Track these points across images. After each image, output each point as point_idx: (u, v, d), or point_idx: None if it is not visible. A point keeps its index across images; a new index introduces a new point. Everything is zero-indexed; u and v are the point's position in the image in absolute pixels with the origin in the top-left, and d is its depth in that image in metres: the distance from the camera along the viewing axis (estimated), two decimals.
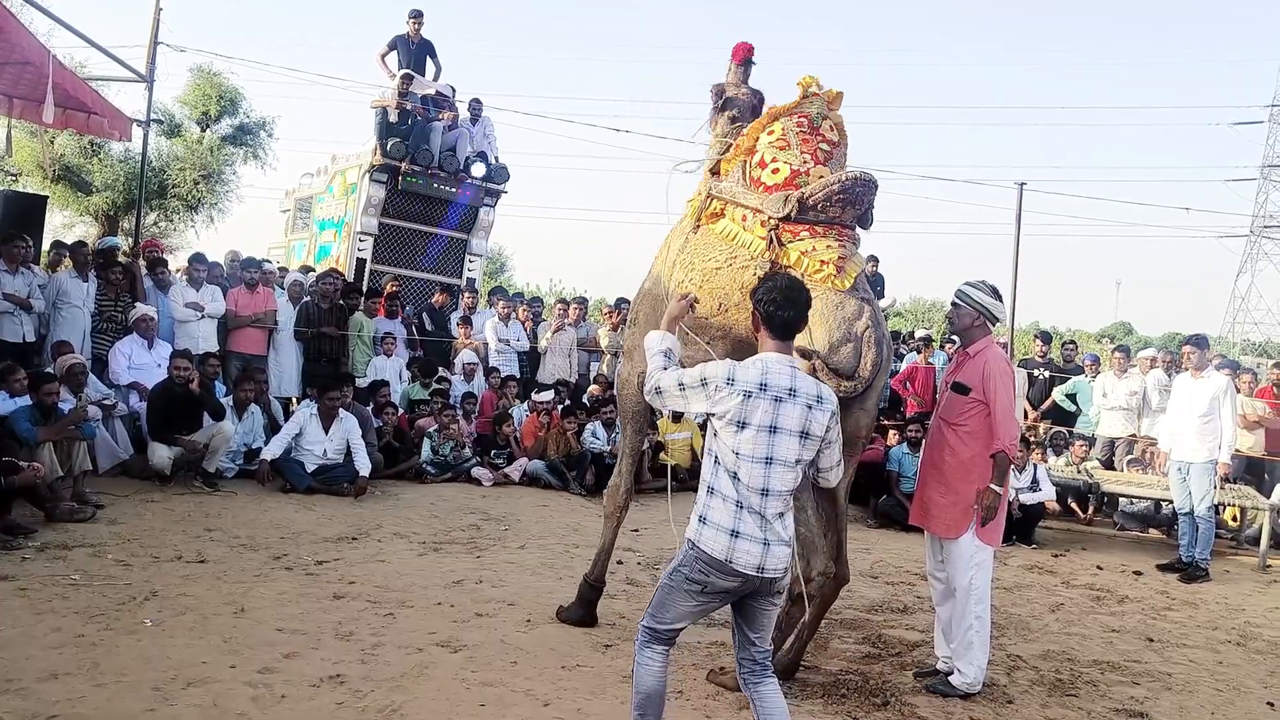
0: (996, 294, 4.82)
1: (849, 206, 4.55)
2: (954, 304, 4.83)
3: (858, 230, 4.76)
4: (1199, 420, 8.02)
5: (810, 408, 3.30)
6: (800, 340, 4.36)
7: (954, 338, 6.79)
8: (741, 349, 4.62)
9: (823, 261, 4.42)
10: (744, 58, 5.38)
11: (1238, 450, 9.92)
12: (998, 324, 4.98)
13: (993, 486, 4.56)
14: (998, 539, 4.78)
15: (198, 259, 9.56)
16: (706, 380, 3.29)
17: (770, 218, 4.56)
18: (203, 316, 9.12)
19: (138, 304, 8.78)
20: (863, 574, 7.02)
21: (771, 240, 4.54)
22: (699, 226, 4.98)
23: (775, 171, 4.68)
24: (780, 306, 3.37)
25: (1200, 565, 7.93)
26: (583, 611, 5.18)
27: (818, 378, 4.22)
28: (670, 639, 3.41)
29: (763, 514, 3.26)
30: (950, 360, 4.90)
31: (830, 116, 4.82)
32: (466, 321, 11.13)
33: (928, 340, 12.04)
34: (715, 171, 5.03)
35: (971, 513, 4.62)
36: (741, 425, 3.24)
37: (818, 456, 3.45)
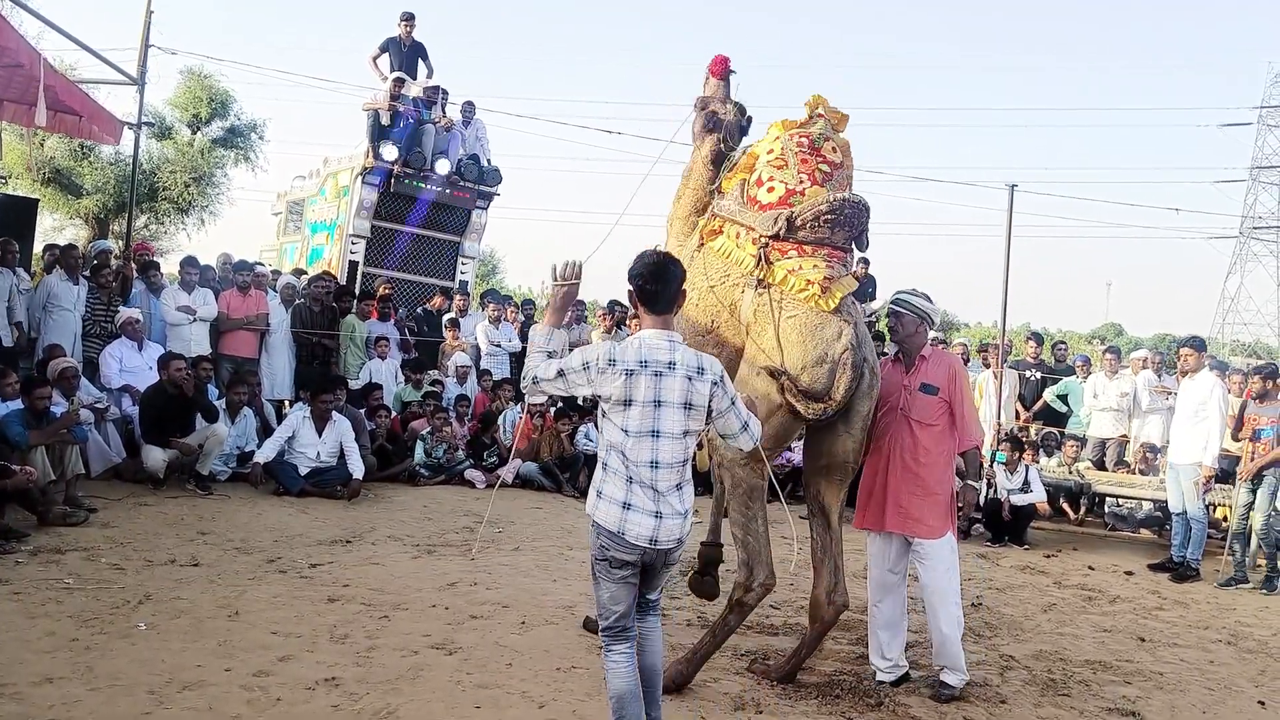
0: (929, 299, 4.92)
1: (839, 228, 4.56)
2: (895, 313, 4.82)
3: (854, 253, 4.80)
4: (1189, 421, 8.13)
5: (690, 379, 3.36)
6: (771, 358, 4.39)
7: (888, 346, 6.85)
8: (733, 366, 4.64)
9: (808, 281, 4.42)
10: (723, 72, 5.41)
11: (1226, 450, 9.98)
12: (934, 326, 5.13)
13: (971, 484, 4.63)
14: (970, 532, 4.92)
15: (189, 262, 9.54)
16: (588, 364, 3.36)
17: (760, 235, 4.58)
18: (195, 320, 9.10)
19: (122, 308, 8.75)
20: (854, 575, 7.01)
21: (760, 258, 4.55)
22: (702, 244, 4.99)
23: (770, 190, 4.69)
24: (649, 281, 3.43)
25: (1192, 565, 7.98)
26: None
27: (785, 397, 4.26)
28: (625, 634, 3.42)
29: (654, 487, 3.33)
30: (900, 367, 4.86)
31: (833, 138, 4.84)
32: (454, 324, 11.10)
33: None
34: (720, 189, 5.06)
35: (951, 513, 4.66)
36: (627, 403, 3.32)
37: (721, 424, 3.49)
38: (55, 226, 24.17)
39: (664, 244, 5.32)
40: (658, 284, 3.43)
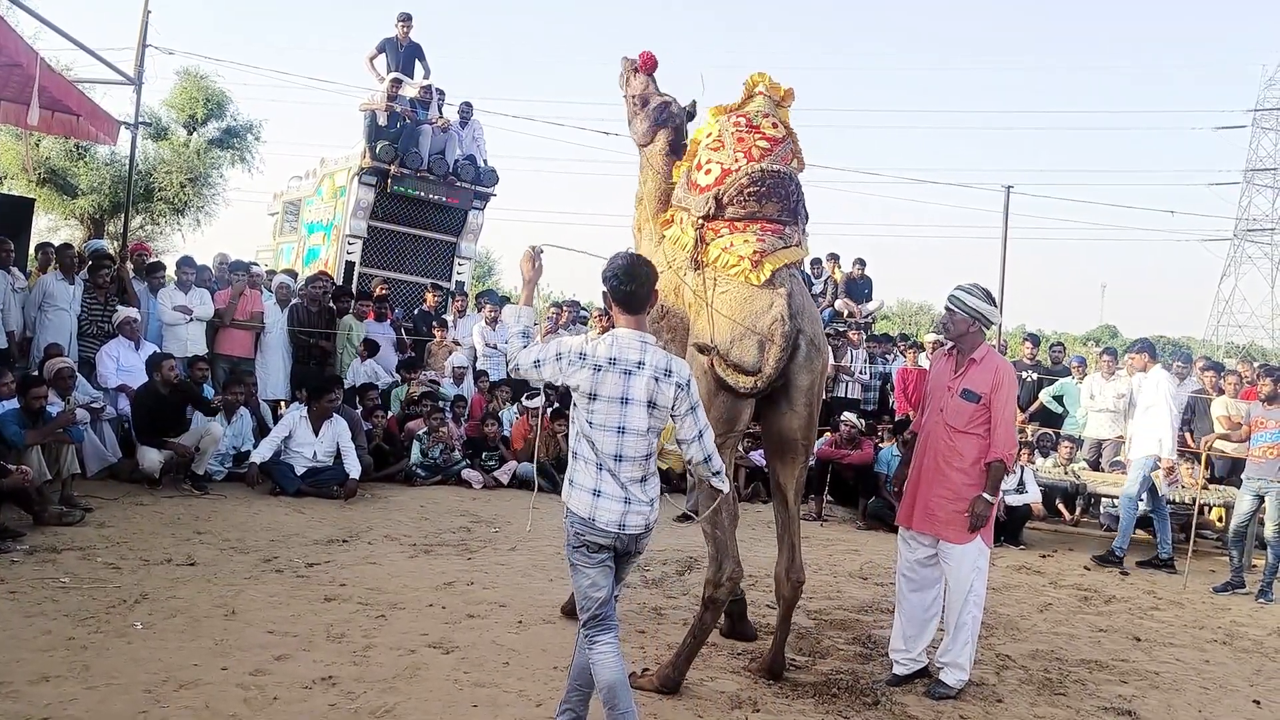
0: (990, 298, 4.77)
1: (767, 200, 4.61)
2: (948, 309, 4.75)
3: (798, 226, 4.78)
4: (1143, 414, 8.51)
5: (657, 380, 3.45)
6: (704, 334, 4.43)
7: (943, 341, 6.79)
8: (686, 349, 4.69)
9: (740, 256, 4.49)
10: (651, 67, 5.46)
11: (1222, 451, 10.01)
12: (991, 327, 4.96)
13: (985, 496, 4.53)
14: (990, 538, 4.79)
15: (186, 263, 9.52)
16: (561, 355, 3.48)
17: (696, 218, 4.66)
18: (191, 320, 9.08)
19: (119, 307, 8.74)
20: (852, 575, 7.06)
21: (697, 240, 4.62)
22: (662, 237, 5.08)
23: (708, 173, 4.76)
24: (622, 282, 3.52)
25: (1115, 553, 8.29)
26: None
27: (717, 372, 4.28)
28: (607, 621, 3.46)
29: (619, 477, 3.44)
30: (951, 364, 4.83)
31: (775, 114, 4.85)
32: (442, 324, 11.05)
33: (918, 344, 12.08)
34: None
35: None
36: (593, 397, 3.42)
37: (681, 427, 3.57)
38: (50, 227, 24.13)
39: (634, 248, 5.39)
40: (630, 284, 3.52)
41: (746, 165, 4.66)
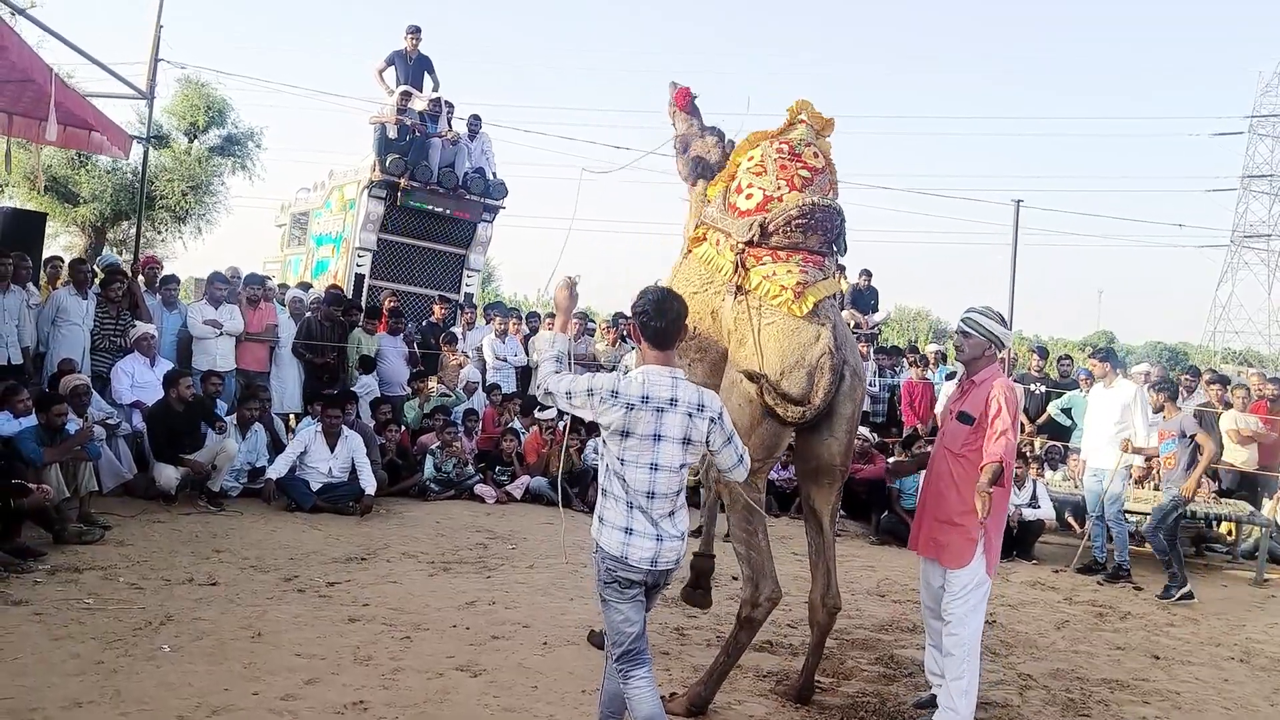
0: (1002, 320, 4.74)
1: (811, 232, 4.63)
2: (963, 332, 4.67)
3: (836, 258, 4.84)
4: (1113, 427, 8.48)
5: (691, 415, 3.46)
6: (751, 363, 4.46)
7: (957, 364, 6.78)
8: (718, 370, 4.74)
9: (782, 286, 4.50)
10: (688, 103, 5.49)
11: (1230, 464, 10.05)
12: (1004, 350, 4.95)
13: (982, 485, 4.24)
14: (991, 567, 4.54)
15: (218, 278, 9.51)
16: (593, 391, 3.46)
17: (737, 242, 4.67)
18: (221, 334, 9.09)
19: (137, 323, 8.74)
20: (870, 592, 7.08)
21: (737, 264, 4.64)
22: (689, 252, 5.11)
23: (749, 197, 4.77)
24: (652, 318, 3.52)
25: (1124, 568, 8.29)
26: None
27: (764, 400, 4.32)
28: (640, 656, 3.48)
29: (649, 513, 3.44)
30: (956, 388, 4.86)
31: (816, 144, 4.89)
32: (450, 340, 11.04)
33: (924, 357, 12.11)
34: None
35: (975, 543, 4.43)
36: (626, 434, 3.42)
37: (718, 458, 3.60)
38: (50, 234, 24.07)
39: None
40: (660, 320, 3.52)
41: (792, 195, 4.64)
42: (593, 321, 13.26)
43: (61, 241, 23.85)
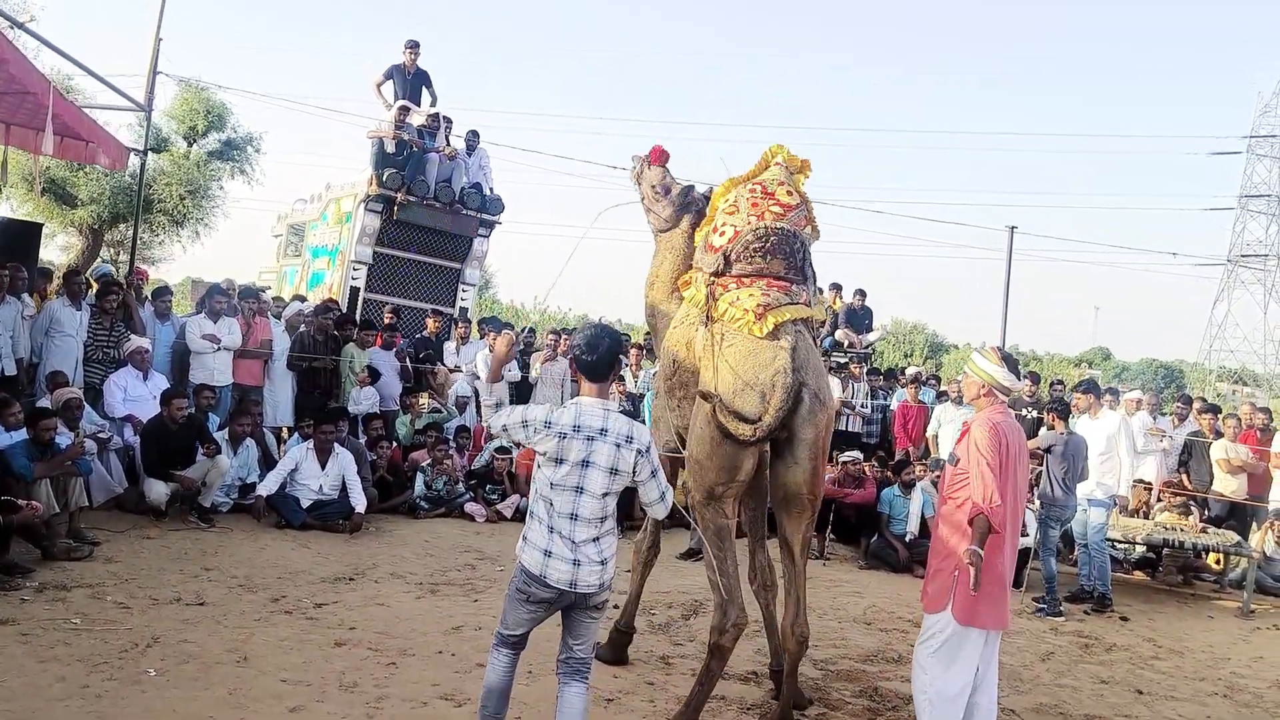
0: (1009, 363, 4.54)
1: (771, 256, 4.77)
2: (964, 372, 4.72)
3: (806, 286, 4.90)
4: (1098, 458, 8.57)
5: (619, 446, 3.68)
6: (709, 383, 4.59)
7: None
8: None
9: (744, 310, 4.65)
10: (663, 159, 5.62)
11: (1221, 494, 10.09)
12: (1009, 396, 4.65)
13: (972, 547, 4.11)
14: (1000, 619, 4.39)
15: (218, 290, 9.50)
16: (527, 422, 3.72)
17: (708, 275, 4.85)
18: (219, 348, 9.10)
19: (132, 336, 8.74)
20: (857, 620, 7.09)
21: (708, 296, 4.80)
22: (681, 298, 5.32)
23: (722, 234, 4.93)
24: (584, 352, 3.78)
25: (1107, 598, 8.36)
26: (613, 654, 5.46)
27: (718, 419, 4.40)
28: (515, 644, 3.85)
29: (571, 538, 3.66)
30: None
31: (789, 182, 5.00)
32: (434, 359, 11.00)
33: (916, 378, 12.15)
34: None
35: (950, 590, 4.29)
36: (559, 461, 3.66)
37: (642, 492, 3.81)
38: (47, 234, 24.01)
39: (645, 302, 5.66)
40: (591, 355, 3.76)
41: (756, 224, 4.82)
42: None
43: (58, 242, 23.79)
